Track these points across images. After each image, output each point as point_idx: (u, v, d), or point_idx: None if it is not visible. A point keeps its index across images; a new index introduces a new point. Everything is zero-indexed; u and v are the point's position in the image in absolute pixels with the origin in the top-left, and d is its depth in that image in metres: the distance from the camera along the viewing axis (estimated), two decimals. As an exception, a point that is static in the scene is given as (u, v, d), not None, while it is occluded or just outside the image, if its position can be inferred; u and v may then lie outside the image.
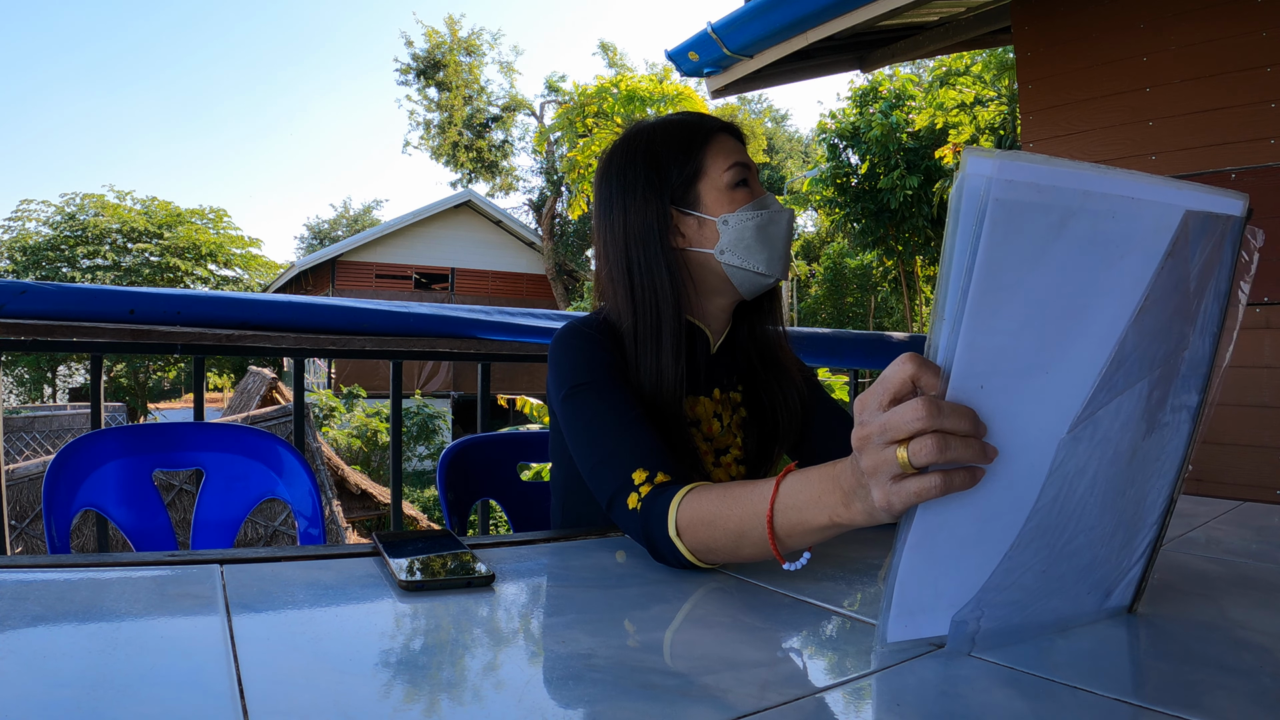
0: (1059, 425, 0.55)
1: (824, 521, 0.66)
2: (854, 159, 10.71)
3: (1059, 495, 0.57)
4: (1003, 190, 0.48)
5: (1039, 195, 0.49)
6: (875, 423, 0.55)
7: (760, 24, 3.15)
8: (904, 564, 0.56)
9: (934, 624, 0.59)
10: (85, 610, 0.62)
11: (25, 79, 71.75)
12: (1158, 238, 0.54)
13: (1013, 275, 0.50)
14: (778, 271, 1.03)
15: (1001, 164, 0.48)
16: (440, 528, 1.02)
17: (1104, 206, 0.51)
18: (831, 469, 0.65)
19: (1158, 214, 0.54)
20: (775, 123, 26.16)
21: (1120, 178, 0.52)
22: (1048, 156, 0.50)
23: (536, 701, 0.50)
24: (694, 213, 1.03)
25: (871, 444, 0.55)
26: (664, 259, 1.01)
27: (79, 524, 4.05)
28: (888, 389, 0.54)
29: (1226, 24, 2.65)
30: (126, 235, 16.13)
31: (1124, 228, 0.53)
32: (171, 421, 1.41)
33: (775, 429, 1.11)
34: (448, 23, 20.15)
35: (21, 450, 7.63)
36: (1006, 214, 0.49)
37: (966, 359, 0.51)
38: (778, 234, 1.03)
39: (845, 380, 5.25)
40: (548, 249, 18.82)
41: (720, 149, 1.04)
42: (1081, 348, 0.54)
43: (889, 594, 0.57)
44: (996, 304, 0.50)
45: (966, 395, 0.52)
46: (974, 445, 0.52)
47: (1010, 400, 0.53)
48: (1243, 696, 0.53)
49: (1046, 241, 0.50)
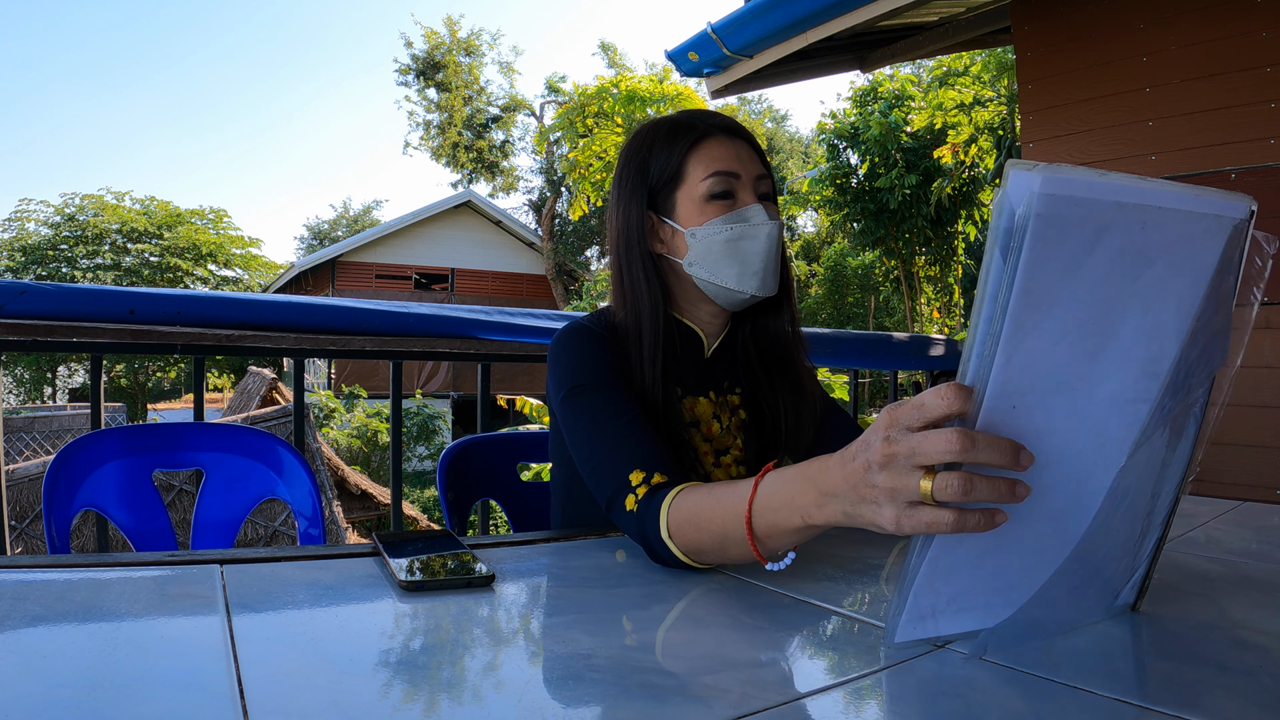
0: (1093, 444, 0.55)
1: (797, 523, 0.65)
2: (854, 159, 10.71)
3: (1108, 518, 0.57)
4: (1045, 205, 0.47)
5: (1078, 209, 0.48)
6: (905, 443, 0.53)
7: (760, 24, 3.15)
8: (922, 572, 0.55)
9: (941, 625, 0.59)
10: (85, 610, 0.62)
11: (25, 79, 71.84)
12: (1188, 248, 0.54)
13: (1050, 292, 0.49)
14: (751, 287, 1.00)
15: (1045, 177, 0.47)
16: (440, 528, 1.02)
17: (1135, 217, 0.51)
18: (808, 468, 0.64)
19: (1181, 222, 0.54)
20: (775, 123, 26.15)
21: (1148, 187, 0.51)
22: (1088, 168, 0.49)
23: (536, 701, 0.50)
24: (669, 221, 1.02)
25: (897, 464, 0.54)
26: (643, 262, 1.02)
27: (79, 524, 4.05)
28: (924, 414, 0.52)
29: (1226, 24, 2.65)
30: (126, 235, 16.13)
31: (1153, 238, 0.52)
32: (171, 422, 1.41)
33: (776, 434, 1.11)
34: (447, 23, 20.18)
35: (21, 450, 7.62)
36: (1048, 228, 0.48)
37: (1002, 378, 0.50)
38: (752, 249, 0.99)
39: (845, 380, 5.25)
40: (548, 249, 18.82)
41: (706, 154, 1.01)
42: (1111, 364, 0.54)
43: (902, 597, 0.56)
44: (1034, 321, 0.49)
45: (1000, 416, 0.51)
46: (1001, 487, 0.51)
47: (1042, 419, 0.52)
48: (1243, 696, 0.53)
49: (1082, 256, 0.50)
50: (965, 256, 10.64)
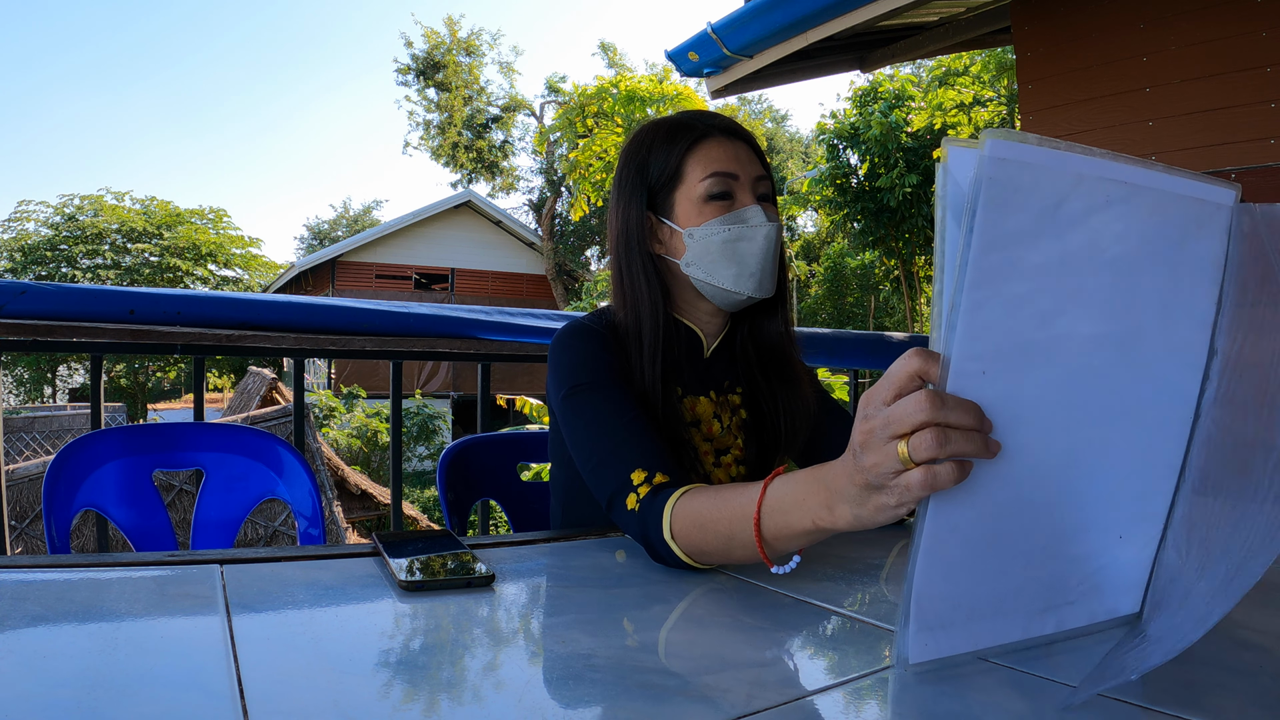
0: (1069, 415, 0.55)
1: (807, 525, 0.65)
2: (854, 159, 10.71)
3: (1096, 502, 0.57)
4: (995, 169, 0.48)
5: (1028, 175, 0.49)
6: (879, 417, 0.54)
7: (760, 24, 3.15)
8: (919, 573, 0.54)
9: (956, 641, 0.56)
10: (85, 610, 0.62)
11: (25, 79, 71.84)
12: (1178, 231, 0.54)
13: (1009, 257, 0.50)
14: (748, 289, 1.01)
15: (993, 142, 0.48)
16: (440, 528, 1.02)
17: (1099, 191, 0.51)
18: (818, 471, 0.64)
19: (1158, 201, 0.54)
20: (775, 123, 26.16)
21: (1112, 162, 0.52)
22: (1042, 137, 0.49)
23: (536, 701, 0.50)
24: (667, 221, 1.03)
25: (874, 438, 0.54)
26: (642, 261, 1.02)
27: (79, 524, 4.05)
28: (892, 384, 0.53)
29: (1226, 24, 2.65)
30: (126, 235, 16.14)
31: (1119, 213, 0.52)
32: (171, 422, 1.41)
33: (776, 434, 1.11)
34: (447, 23, 20.17)
35: (21, 450, 7.63)
36: (1001, 192, 0.48)
37: (966, 342, 0.50)
38: (749, 250, 1.00)
39: (845, 380, 5.25)
40: (548, 249, 18.82)
41: (704, 155, 1.01)
42: (1082, 336, 0.54)
43: (906, 608, 0.54)
44: (995, 287, 0.50)
45: (968, 381, 0.51)
46: (976, 440, 0.51)
47: (1013, 387, 0.53)
48: (1243, 696, 0.53)
49: (1041, 224, 0.50)
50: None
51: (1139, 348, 0.57)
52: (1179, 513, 0.63)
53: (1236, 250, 0.59)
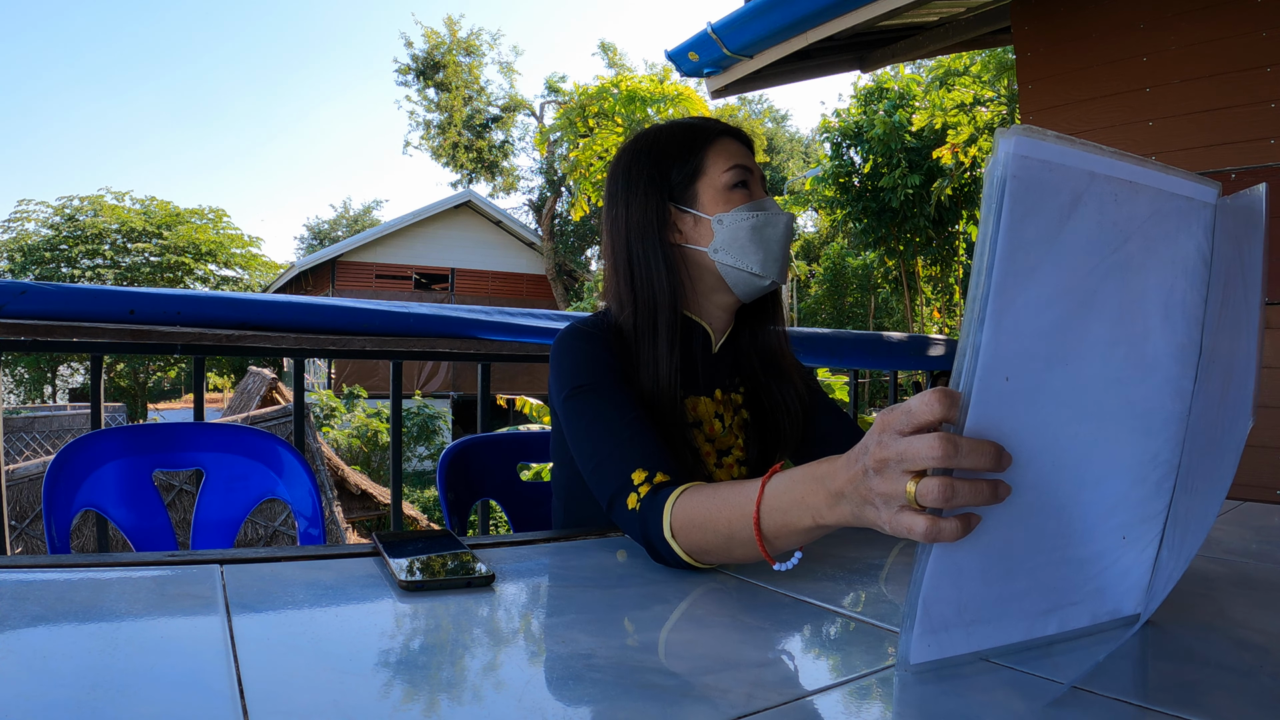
0: (1089, 425, 0.55)
1: (808, 523, 0.66)
2: (857, 158, 10.69)
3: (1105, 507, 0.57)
4: (1019, 167, 0.47)
5: (1051, 173, 0.49)
6: (894, 448, 0.54)
7: (760, 24, 3.15)
8: (928, 578, 0.54)
9: (959, 642, 0.56)
10: (85, 610, 0.62)
11: (28, 82, 71.84)
12: (1160, 226, 0.54)
13: (1032, 259, 0.49)
14: (773, 274, 1.03)
15: (1019, 139, 0.47)
16: (440, 528, 1.02)
17: (1108, 189, 0.51)
18: (817, 469, 0.65)
19: (1153, 199, 0.54)
20: (775, 123, 26.15)
21: (1120, 161, 0.51)
22: (1062, 135, 0.48)
23: (536, 701, 0.50)
24: (691, 210, 1.04)
25: (889, 468, 0.55)
26: (661, 253, 1.03)
27: (79, 524, 4.05)
28: (913, 420, 0.53)
29: (1226, 24, 2.65)
30: (125, 235, 16.13)
31: (1125, 212, 0.52)
32: (171, 422, 1.41)
33: (777, 433, 1.11)
34: (447, 23, 20.16)
35: (21, 450, 7.62)
36: (1025, 191, 0.48)
37: (993, 349, 0.50)
38: (774, 236, 1.03)
39: (845, 380, 5.25)
40: (548, 249, 18.81)
41: (722, 150, 1.05)
42: (1099, 338, 0.54)
43: (912, 611, 0.54)
44: (1018, 290, 0.49)
45: (993, 391, 0.51)
46: (983, 491, 0.52)
47: (1034, 395, 0.52)
48: (1243, 696, 0.53)
49: (1061, 221, 0.50)
50: (966, 257, 10.63)
51: (1146, 349, 0.57)
52: (1174, 512, 0.63)
53: (1218, 246, 0.60)
